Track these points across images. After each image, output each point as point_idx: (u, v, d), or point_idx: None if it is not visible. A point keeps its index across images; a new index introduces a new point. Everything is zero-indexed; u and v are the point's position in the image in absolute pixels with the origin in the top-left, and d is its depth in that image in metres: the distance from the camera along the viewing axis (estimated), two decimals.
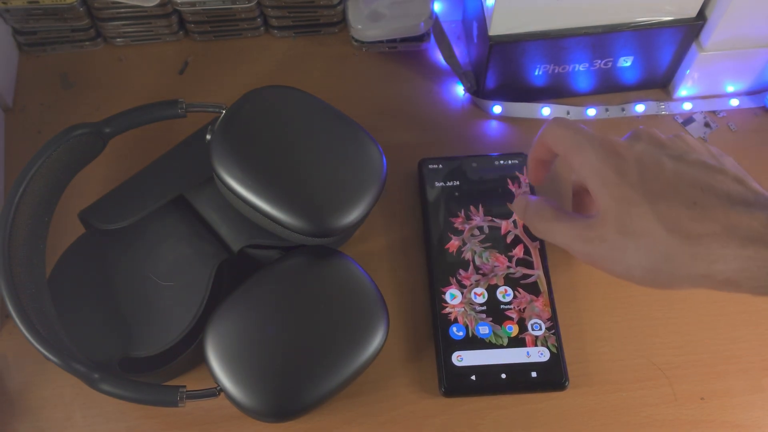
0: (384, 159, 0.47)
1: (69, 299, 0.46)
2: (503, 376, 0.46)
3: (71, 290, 0.46)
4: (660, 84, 0.59)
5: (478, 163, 0.53)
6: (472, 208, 0.51)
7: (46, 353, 0.41)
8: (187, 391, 0.41)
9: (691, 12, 0.52)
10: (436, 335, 0.48)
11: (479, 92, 0.57)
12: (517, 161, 0.53)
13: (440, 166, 0.53)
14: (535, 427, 0.46)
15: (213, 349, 0.42)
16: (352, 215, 0.45)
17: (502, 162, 0.53)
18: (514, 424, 0.47)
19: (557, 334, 0.47)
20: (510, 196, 0.52)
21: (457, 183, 0.53)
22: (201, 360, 0.43)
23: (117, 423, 0.47)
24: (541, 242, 0.50)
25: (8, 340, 0.49)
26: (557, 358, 0.47)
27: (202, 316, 0.45)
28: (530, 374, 0.46)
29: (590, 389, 0.47)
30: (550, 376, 0.46)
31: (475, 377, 0.46)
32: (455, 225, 0.51)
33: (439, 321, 0.48)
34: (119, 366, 0.44)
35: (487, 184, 0.52)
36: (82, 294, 0.46)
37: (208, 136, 0.46)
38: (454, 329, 0.48)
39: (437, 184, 0.53)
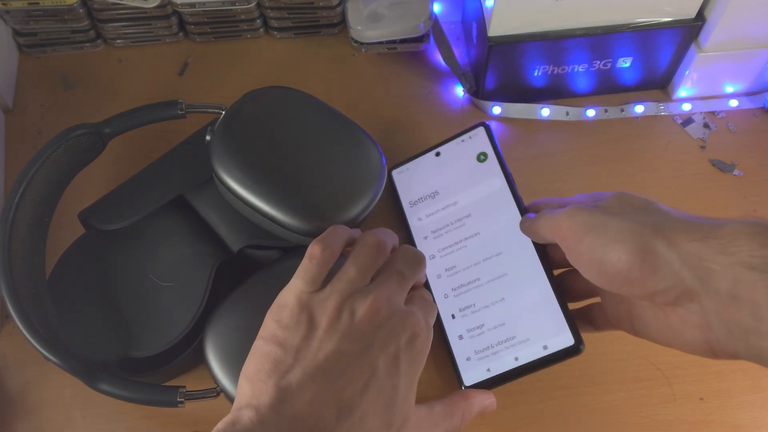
0: (383, 160, 0.47)
1: (69, 299, 0.46)
2: (515, 358, 0.44)
3: (71, 290, 0.46)
4: (659, 85, 0.59)
5: (443, 151, 0.52)
6: (449, 199, 0.50)
7: (46, 353, 0.41)
8: (187, 391, 0.42)
9: (690, 12, 0.52)
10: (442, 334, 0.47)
11: (479, 93, 0.57)
12: (478, 132, 0.51)
13: (407, 168, 0.52)
14: (535, 427, 0.46)
15: (213, 349, 0.42)
16: (351, 216, 0.45)
17: (463, 140, 0.51)
18: (514, 424, 0.47)
19: (562, 301, 0.44)
20: (485, 173, 0.49)
21: (430, 179, 0.51)
22: (201, 360, 0.43)
23: (117, 423, 0.47)
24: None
25: (8, 340, 0.49)
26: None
27: (201, 316, 0.45)
28: (541, 349, 0.44)
29: (590, 389, 0.48)
30: (562, 345, 0.43)
31: (490, 368, 0.45)
32: (436, 223, 0.50)
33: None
34: (119, 366, 0.44)
35: (458, 170, 0.50)
36: (82, 294, 0.46)
37: (208, 137, 0.46)
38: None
39: (410, 188, 0.51)
